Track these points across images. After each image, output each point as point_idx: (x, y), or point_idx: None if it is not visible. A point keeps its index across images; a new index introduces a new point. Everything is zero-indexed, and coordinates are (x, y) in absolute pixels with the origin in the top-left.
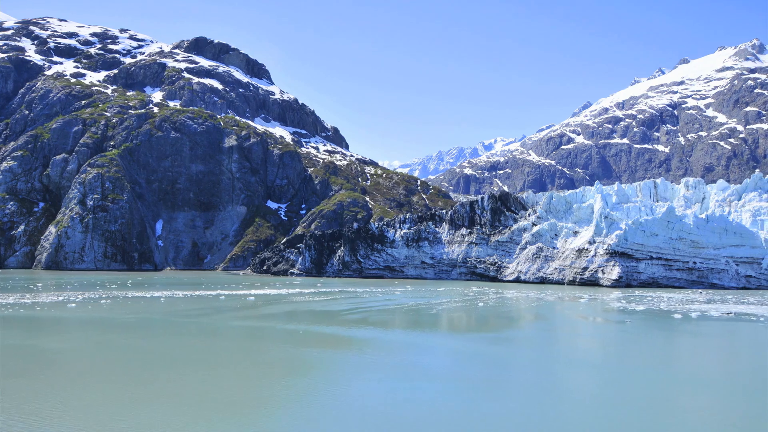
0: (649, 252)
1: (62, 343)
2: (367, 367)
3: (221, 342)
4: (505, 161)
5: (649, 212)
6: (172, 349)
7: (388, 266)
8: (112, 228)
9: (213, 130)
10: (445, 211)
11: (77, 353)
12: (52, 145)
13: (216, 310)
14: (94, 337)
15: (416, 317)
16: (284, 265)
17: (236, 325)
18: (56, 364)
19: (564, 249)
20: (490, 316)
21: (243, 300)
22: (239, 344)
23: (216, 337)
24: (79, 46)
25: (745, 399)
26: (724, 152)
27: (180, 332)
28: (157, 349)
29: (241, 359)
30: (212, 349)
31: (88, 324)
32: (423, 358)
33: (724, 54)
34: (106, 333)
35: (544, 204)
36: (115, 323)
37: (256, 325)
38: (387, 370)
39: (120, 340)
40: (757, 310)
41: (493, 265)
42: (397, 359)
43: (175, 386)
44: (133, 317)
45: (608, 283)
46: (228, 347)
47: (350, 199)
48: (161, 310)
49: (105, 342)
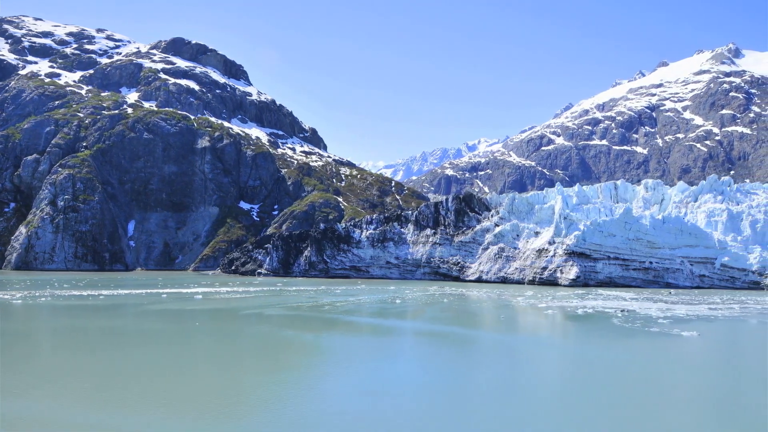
0: (606, 252)
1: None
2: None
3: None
4: (486, 162)
5: (608, 213)
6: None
7: (354, 266)
8: (83, 228)
9: (186, 131)
10: (411, 211)
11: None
12: (24, 146)
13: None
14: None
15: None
16: (252, 266)
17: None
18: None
19: (525, 249)
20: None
21: (180, 298)
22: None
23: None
24: (54, 45)
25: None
26: (701, 154)
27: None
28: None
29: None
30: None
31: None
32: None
33: (701, 57)
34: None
35: (506, 205)
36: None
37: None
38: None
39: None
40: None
41: (455, 265)
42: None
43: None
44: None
45: (566, 282)
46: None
47: (322, 200)
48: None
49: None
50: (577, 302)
